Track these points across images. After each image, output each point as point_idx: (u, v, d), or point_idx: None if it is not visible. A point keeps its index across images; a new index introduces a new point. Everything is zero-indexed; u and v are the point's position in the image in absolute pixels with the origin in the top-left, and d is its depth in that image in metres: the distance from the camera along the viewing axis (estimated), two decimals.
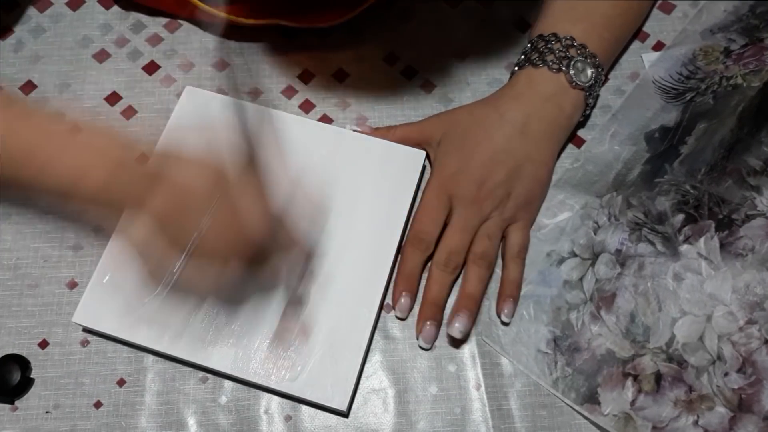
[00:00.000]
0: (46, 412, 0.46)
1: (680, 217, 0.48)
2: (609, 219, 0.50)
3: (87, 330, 0.48)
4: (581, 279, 0.49)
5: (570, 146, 0.53)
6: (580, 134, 0.54)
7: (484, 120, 0.50)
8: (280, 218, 0.41)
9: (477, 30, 0.57)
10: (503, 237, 0.49)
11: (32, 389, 0.47)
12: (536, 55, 0.51)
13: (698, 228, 0.48)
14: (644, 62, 0.56)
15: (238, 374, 0.45)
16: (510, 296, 0.48)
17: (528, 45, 0.52)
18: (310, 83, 0.56)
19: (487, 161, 0.49)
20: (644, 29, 0.57)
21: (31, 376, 0.47)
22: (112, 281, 0.47)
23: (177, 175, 0.38)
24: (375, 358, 0.48)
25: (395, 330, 0.48)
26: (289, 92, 0.55)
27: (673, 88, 0.55)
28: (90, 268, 0.48)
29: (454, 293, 0.49)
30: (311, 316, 0.46)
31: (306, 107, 0.55)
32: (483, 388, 0.47)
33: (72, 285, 0.49)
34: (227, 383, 0.47)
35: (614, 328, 0.47)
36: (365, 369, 0.47)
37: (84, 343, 0.48)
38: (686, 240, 0.48)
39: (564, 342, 0.47)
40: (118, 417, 0.46)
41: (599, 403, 0.45)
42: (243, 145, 0.38)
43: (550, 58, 0.50)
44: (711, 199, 0.48)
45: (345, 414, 0.46)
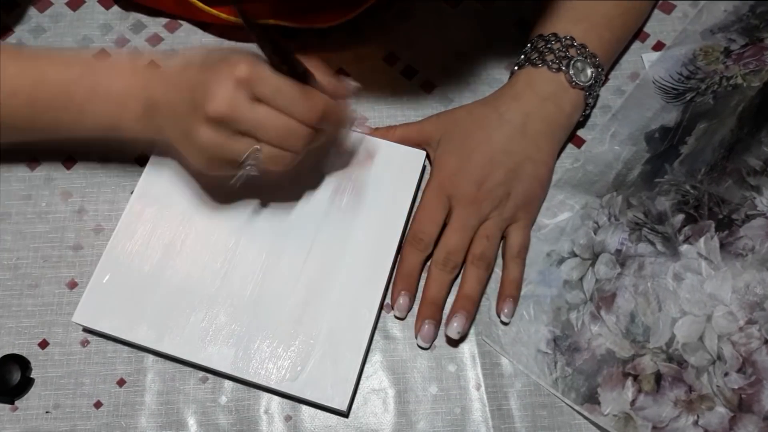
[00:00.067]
0: (46, 412, 0.46)
1: (680, 217, 0.48)
2: (609, 219, 0.50)
3: (87, 330, 0.48)
4: (581, 279, 0.49)
5: (570, 146, 0.53)
6: (580, 134, 0.54)
7: (484, 120, 0.50)
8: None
9: (477, 30, 0.57)
10: (503, 237, 0.49)
11: (32, 389, 0.47)
12: (536, 55, 0.51)
13: (698, 228, 0.48)
14: (644, 62, 0.56)
15: (238, 374, 0.45)
16: (510, 296, 0.48)
17: (528, 45, 0.52)
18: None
19: (487, 161, 0.49)
20: (644, 29, 0.57)
21: (31, 376, 0.47)
22: (112, 281, 0.47)
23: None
24: (375, 358, 0.48)
25: (395, 330, 0.48)
26: None
27: (673, 88, 0.55)
28: (90, 268, 0.48)
29: (454, 292, 0.49)
30: (311, 316, 0.46)
31: None
32: (483, 388, 0.47)
33: (72, 285, 0.49)
34: (227, 383, 0.47)
35: (614, 328, 0.47)
36: (365, 369, 0.47)
37: (84, 343, 0.48)
38: (686, 240, 0.48)
39: (564, 342, 0.47)
40: (118, 417, 0.46)
41: (599, 403, 0.45)
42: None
43: (550, 58, 0.50)
44: (711, 199, 0.48)
45: (345, 414, 0.46)
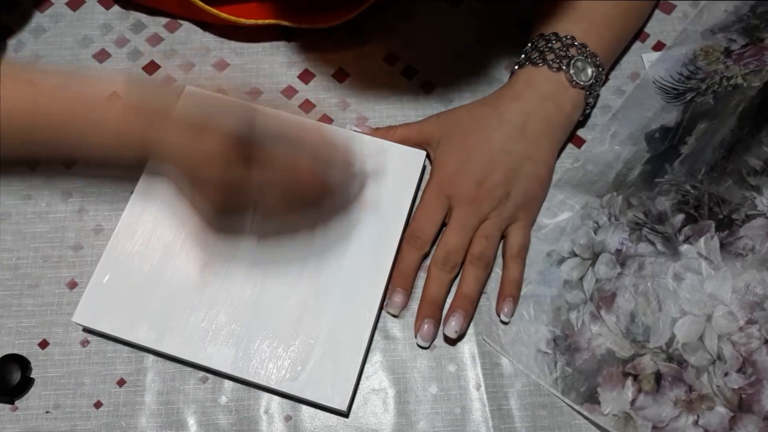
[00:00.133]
0: (46, 412, 0.46)
1: (680, 217, 0.48)
2: (609, 219, 0.50)
3: (87, 330, 0.48)
4: (581, 279, 0.49)
5: (570, 146, 0.53)
6: (581, 134, 0.54)
7: (484, 120, 0.50)
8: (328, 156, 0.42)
9: (477, 30, 0.57)
10: (503, 237, 0.49)
11: (32, 389, 0.47)
12: (536, 54, 0.51)
13: (698, 228, 0.48)
14: (644, 62, 0.56)
15: (238, 374, 0.45)
16: (510, 296, 0.48)
17: (528, 44, 0.52)
18: (310, 83, 0.56)
19: (486, 161, 0.49)
20: (644, 29, 0.57)
21: (31, 376, 0.47)
22: (112, 281, 0.47)
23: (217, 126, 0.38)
24: (375, 358, 0.48)
25: (395, 330, 0.48)
26: (289, 92, 0.55)
27: (674, 88, 0.55)
28: (90, 268, 0.48)
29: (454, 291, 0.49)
30: (311, 316, 0.46)
31: (306, 107, 0.55)
32: (483, 388, 0.47)
33: (72, 285, 0.49)
34: (227, 383, 0.47)
35: (614, 328, 0.47)
36: (365, 369, 0.47)
37: (84, 343, 0.48)
38: (686, 240, 0.48)
39: (564, 342, 0.47)
40: (118, 417, 0.46)
41: (599, 403, 0.45)
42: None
43: (551, 57, 0.50)
44: (711, 199, 0.48)
45: (345, 414, 0.46)
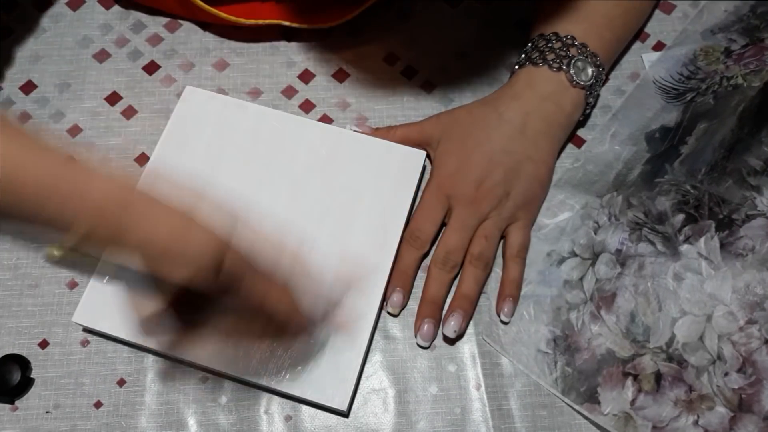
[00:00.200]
0: (46, 412, 0.46)
1: (680, 217, 0.48)
2: (609, 219, 0.50)
3: (87, 330, 0.48)
4: (581, 279, 0.49)
5: (570, 146, 0.53)
6: (581, 134, 0.54)
7: (483, 120, 0.50)
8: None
9: (477, 30, 0.57)
10: (503, 236, 0.49)
11: (32, 389, 0.47)
12: (537, 54, 0.51)
13: (698, 228, 0.48)
14: (644, 62, 0.56)
15: (238, 374, 0.45)
16: (510, 296, 0.48)
17: (528, 44, 0.52)
18: (310, 83, 0.56)
19: (486, 161, 0.49)
20: (644, 29, 0.57)
21: (31, 376, 0.47)
22: (112, 281, 0.47)
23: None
24: (375, 358, 0.48)
25: (395, 330, 0.48)
26: (289, 92, 0.55)
27: (674, 88, 0.55)
28: (90, 268, 0.48)
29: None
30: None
31: (306, 107, 0.55)
32: (483, 388, 0.47)
33: (72, 285, 0.49)
34: (227, 383, 0.47)
35: (614, 328, 0.47)
36: (365, 369, 0.47)
37: (84, 343, 0.48)
38: (686, 240, 0.48)
39: (564, 342, 0.47)
40: (118, 417, 0.46)
41: (599, 403, 0.45)
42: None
43: (551, 57, 0.50)
44: (711, 199, 0.48)
45: (345, 414, 0.46)
